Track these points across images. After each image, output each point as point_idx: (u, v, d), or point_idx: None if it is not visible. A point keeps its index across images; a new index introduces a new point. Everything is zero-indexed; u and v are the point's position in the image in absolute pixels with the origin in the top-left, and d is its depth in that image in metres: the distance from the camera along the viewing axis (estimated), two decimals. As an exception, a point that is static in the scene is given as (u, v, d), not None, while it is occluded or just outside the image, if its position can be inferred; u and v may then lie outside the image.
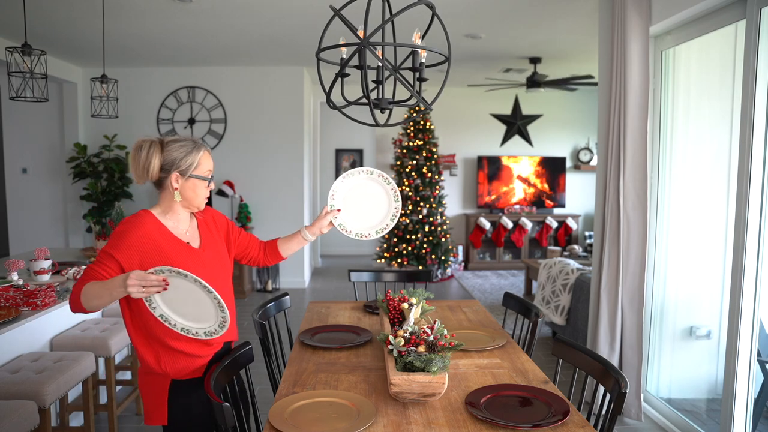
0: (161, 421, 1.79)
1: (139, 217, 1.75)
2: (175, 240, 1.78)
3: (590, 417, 1.88)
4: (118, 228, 1.73)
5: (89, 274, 1.66)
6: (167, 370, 1.77)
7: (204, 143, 1.85)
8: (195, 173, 1.79)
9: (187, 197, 1.81)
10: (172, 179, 1.77)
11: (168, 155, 1.76)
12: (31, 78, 3.38)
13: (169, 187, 1.78)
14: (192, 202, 1.83)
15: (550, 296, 4.84)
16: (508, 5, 4.35)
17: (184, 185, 1.79)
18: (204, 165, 1.82)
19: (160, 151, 1.76)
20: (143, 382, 1.82)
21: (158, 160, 1.75)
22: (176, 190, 1.78)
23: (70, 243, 6.84)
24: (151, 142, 1.76)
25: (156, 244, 1.72)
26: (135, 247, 1.69)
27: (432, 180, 7.45)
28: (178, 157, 1.76)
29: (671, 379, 3.47)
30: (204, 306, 1.63)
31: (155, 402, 1.79)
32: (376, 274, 3.31)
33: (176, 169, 1.76)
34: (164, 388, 1.78)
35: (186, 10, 4.48)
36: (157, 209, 1.82)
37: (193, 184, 1.79)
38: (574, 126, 8.76)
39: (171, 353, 1.76)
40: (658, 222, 3.40)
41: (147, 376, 1.81)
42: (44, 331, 2.95)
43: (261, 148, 6.84)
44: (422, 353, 1.68)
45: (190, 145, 1.79)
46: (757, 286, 2.56)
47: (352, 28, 1.75)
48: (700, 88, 3.31)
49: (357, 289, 4.58)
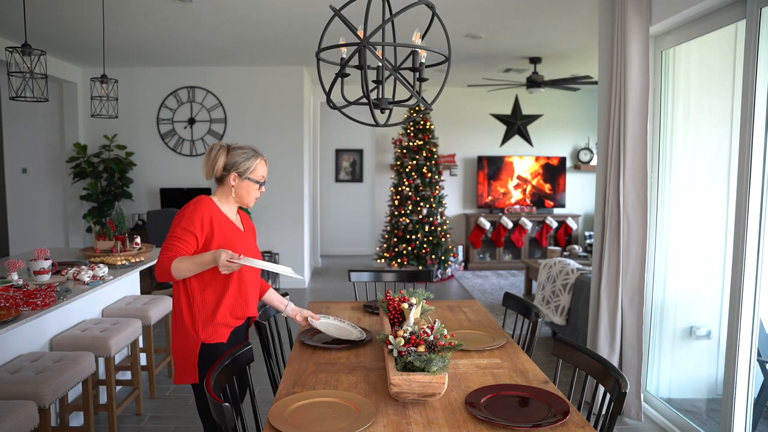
0: (193, 379, 2.10)
1: (203, 201, 2.11)
2: (229, 222, 2.16)
3: (590, 417, 1.88)
4: (188, 209, 2.08)
5: (174, 249, 2.01)
6: (200, 334, 2.07)
7: (261, 154, 2.21)
8: (250, 176, 2.16)
9: (240, 195, 2.18)
10: (231, 178, 2.15)
11: (231, 158, 2.14)
12: (31, 78, 3.38)
13: (228, 184, 2.16)
14: (243, 200, 2.20)
15: (550, 296, 4.84)
16: (508, 5, 4.35)
17: (240, 185, 2.16)
18: (258, 171, 2.18)
19: (226, 154, 2.15)
20: (177, 347, 2.11)
21: (223, 160, 2.14)
22: (233, 188, 2.16)
23: (70, 243, 6.84)
24: (220, 146, 2.15)
25: (218, 223, 2.10)
26: (206, 223, 2.07)
27: (432, 180, 7.44)
28: (238, 161, 2.14)
29: (671, 379, 3.47)
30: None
31: (187, 362, 2.10)
32: (376, 274, 3.31)
33: (235, 170, 2.14)
34: (195, 351, 2.08)
35: (186, 10, 4.48)
36: (215, 197, 2.19)
37: (247, 184, 2.16)
38: (574, 126, 8.76)
39: (208, 320, 2.09)
40: (658, 222, 3.40)
41: (181, 340, 2.10)
42: (44, 331, 2.95)
43: (261, 148, 6.76)
44: (422, 353, 1.68)
45: (250, 152, 2.17)
46: (757, 286, 2.55)
47: (352, 28, 1.75)
48: (700, 88, 3.31)
49: (357, 289, 4.58)
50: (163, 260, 2.00)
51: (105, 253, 3.67)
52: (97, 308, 3.51)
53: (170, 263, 1.98)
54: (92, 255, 3.61)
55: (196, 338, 2.09)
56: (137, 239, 3.81)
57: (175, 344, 2.14)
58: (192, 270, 1.98)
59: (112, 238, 3.76)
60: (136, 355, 3.41)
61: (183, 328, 2.10)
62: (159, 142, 6.83)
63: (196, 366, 2.09)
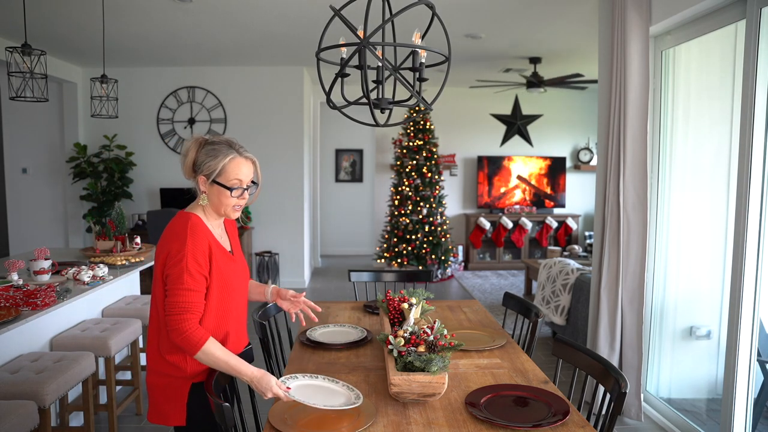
0: (179, 422, 1.75)
1: (196, 226, 1.70)
2: (219, 246, 1.76)
3: (590, 417, 1.88)
4: (185, 240, 1.65)
5: (196, 306, 1.64)
6: (191, 371, 1.72)
7: (239, 151, 1.74)
8: (218, 180, 1.70)
9: (213, 204, 1.76)
10: (200, 182, 1.73)
11: (199, 155, 1.72)
12: (31, 78, 3.38)
13: (200, 190, 1.75)
14: (217, 210, 1.76)
15: (550, 296, 4.84)
16: (508, 5, 4.35)
17: (210, 191, 1.73)
18: (231, 172, 1.71)
19: (197, 150, 1.73)
20: (160, 385, 1.75)
21: (191, 158, 1.73)
22: (203, 193, 1.74)
23: (70, 243, 6.84)
24: (195, 139, 1.74)
25: (211, 251, 1.71)
26: (206, 255, 1.69)
27: (432, 180, 7.44)
28: (204, 160, 1.71)
29: (671, 379, 3.47)
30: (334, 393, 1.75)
31: (174, 403, 1.75)
32: (376, 274, 3.31)
33: (201, 172, 1.72)
34: (185, 390, 1.74)
35: (186, 10, 4.48)
36: (199, 210, 1.78)
37: (217, 190, 1.72)
38: (574, 126, 8.76)
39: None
40: (658, 222, 3.40)
41: (166, 379, 1.74)
42: (44, 331, 2.95)
43: (261, 148, 6.83)
44: (422, 353, 1.68)
45: (221, 149, 1.71)
46: (757, 286, 2.55)
47: (352, 28, 1.75)
48: (700, 88, 3.31)
49: (357, 289, 4.58)
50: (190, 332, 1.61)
51: (105, 253, 3.67)
52: (97, 308, 3.51)
53: (203, 341, 1.61)
54: (92, 255, 3.61)
55: (184, 378, 1.76)
56: (137, 239, 3.81)
57: (156, 385, 1.80)
58: (222, 369, 1.65)
59: (112, 238, 3.76)
60: (136, 355, 3.41)
61: (170, 367, 1.75)
62: (159, 142, 6.83)
63: (185, 406, 1.77)
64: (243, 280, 1.87)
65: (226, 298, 1.77)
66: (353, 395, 1.70)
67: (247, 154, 1.77)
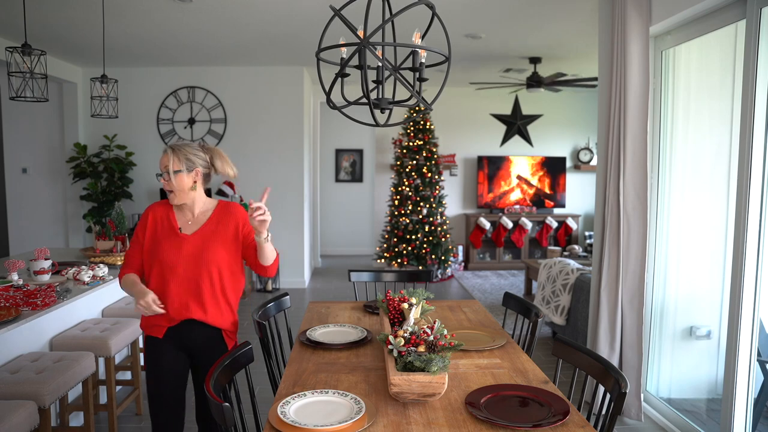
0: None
1: (148, 209, 2.25)
2: (165, 224, 2.19)
3: (590, 417, 1.88)
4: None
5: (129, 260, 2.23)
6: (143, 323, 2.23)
7: (167, 145, 2.21)
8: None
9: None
10: None
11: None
12: (31, 78, 3.38)
13: None
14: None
15: (550, 296, 4.84)
16: (508, 5, 4.35)
17: None
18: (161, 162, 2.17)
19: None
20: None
21: None
22: None
23: (70, 243, 6.84)
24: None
25: (154, 226, 2.19)
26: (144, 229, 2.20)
27: (432, 180, 7.44)
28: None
29: (671, 379, 3.47)
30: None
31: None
32: (376, 274, 3.31)
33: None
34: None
35: (186, 10, 4.48)
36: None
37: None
38: (574, 126, 8.76)
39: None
40: (658, 222, 3.40)
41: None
42: (44, 331, 2.95)
43: (261, 148, 6.84)
44: (422, 353, 1.68)
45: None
46: (757, 286, 2.55)
47: (352, 28, 1.75)
48: (700, 89, 3.31)
49: (357, 289, 4.58)
50: (120, 272, 2.24)
51: (105, 253, 3.67)
52: (97, 308, 3.51)
53: (122, 276, 2.21)
54: (92, 255, 3.61)
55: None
56: (137, 239, 3.80)
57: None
58: (130, 294, 2.15)
59: (112, 238, 3.76)
60: (136, 355, 3.41)
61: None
62: (159, 142, 6.83)
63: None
64: (189, 256, 2.13)
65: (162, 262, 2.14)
66: (356, 409, 1.64)
67: (166, 147, 2.18)
